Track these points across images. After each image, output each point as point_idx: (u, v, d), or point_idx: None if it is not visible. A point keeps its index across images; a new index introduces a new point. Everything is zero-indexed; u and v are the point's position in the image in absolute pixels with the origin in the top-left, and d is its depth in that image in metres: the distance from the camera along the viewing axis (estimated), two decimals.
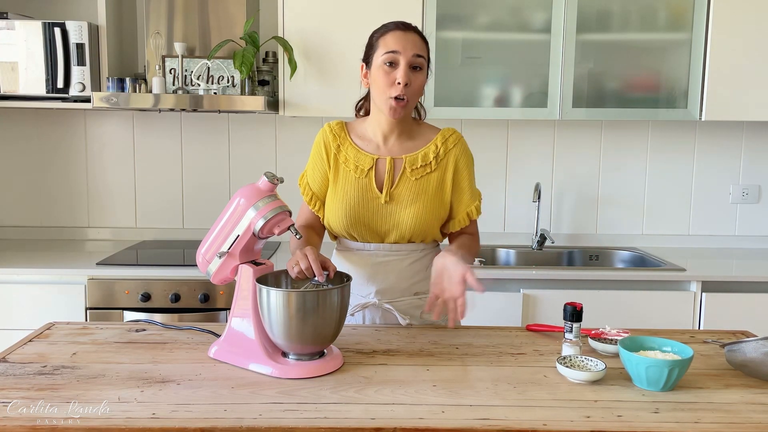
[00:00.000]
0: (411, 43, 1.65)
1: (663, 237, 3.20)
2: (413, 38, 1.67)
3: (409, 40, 1.65)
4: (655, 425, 1.19)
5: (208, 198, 3.14)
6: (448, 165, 1.74)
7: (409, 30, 1.68)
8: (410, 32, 1.68)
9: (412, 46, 1.64)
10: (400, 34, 1.66)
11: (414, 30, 1.70)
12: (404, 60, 1.63)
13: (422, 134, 1.77)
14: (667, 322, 2.55)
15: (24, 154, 3.13)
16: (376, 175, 1.73)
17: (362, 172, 1.73)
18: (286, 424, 1.17)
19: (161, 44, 2.82)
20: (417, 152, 1.74)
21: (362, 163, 1.73)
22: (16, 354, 1.50)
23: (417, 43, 1.66)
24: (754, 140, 3.16)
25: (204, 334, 1.66)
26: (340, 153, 1.76)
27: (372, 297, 1.75)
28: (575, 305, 1.48)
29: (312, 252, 1.50)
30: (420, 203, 1.71)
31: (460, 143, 1.76)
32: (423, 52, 1.67)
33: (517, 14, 2.78)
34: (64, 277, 2.55)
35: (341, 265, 1.80)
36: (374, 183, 1.72)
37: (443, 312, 1.58)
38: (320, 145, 1.79)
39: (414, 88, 1.66)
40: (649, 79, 2.82)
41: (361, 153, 1.74)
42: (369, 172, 1.72)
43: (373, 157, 1.73)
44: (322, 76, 2.76)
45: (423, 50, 1.67)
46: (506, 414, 1.23)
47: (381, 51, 1.66)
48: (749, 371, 1.42)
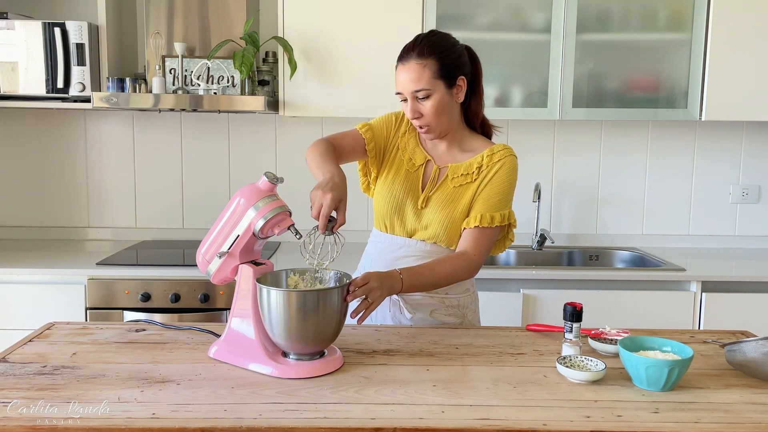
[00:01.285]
0: (408, 80, 1.67)
1: (663, 237, 3.20)
2: (411, 71, 1.66)
3: (406, 76, 1.67)
4: (655, 425, 1.19)
5: (208, 198, 3.14)
6: (486, 177, 1.74)
7: (409, 59, 1.67)
8: (409, 62, 1.66)
9: (409, 83, 1.67)
10: (400, 69, 1.69)
11: (415, 55, 1.66)
12: (408, 97, 1.69)
13: (475, 147, 1.79)
14: (667, 322, 2.55)
15: (24, 154, 3.13)
16: (423, 175, 1.80)
17: (413, 166, 1.80)
18: (286, 424, 1.17)
19: (161, 44, 2.82)
20: (463, 162, 1.77)
21: (416, 158, 1.81)
22: (16, 354, 1.50)
23: (413, 75, 1.65)
24: (754, 140, 3.16)
25: (204, 334, 1.66)
26: (404, 136, 1.84)
27: None
28: (575, 305, 1.48)
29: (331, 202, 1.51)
30: (450, 209, 1.74)
31: (506, 160, 1.74)
32: (422, 82, 1.65)
33: (517, 14, 2.78)
34: (64, 277, 2.55)
35: (368, 254, 1.86)
36: (420, 182, 1.79)
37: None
38: (396, 115, 1.86)
39: (427, 116, 1.69)
40: (649, 79, 2.82)
41: (419, 147, 1.82)
42: (419, 169, 1.80)
43: (425, 156, 1.80)
44: (322, 76, 2.76)
45: (422, 80, 1.65)
46: (506, 414, 1.23)
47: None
48: (749, 371, 1.42)
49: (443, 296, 1.79)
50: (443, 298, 1.79)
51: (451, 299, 1.80)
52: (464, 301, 1.83)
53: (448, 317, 1.81)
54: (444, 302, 1.79)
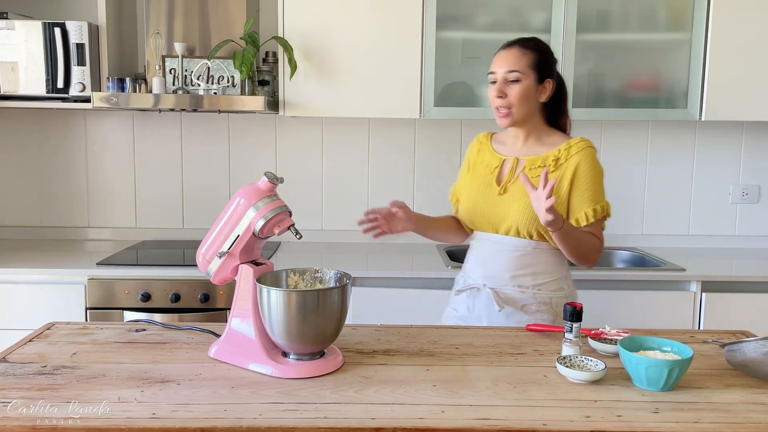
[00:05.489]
0: (505, 61, 1.82)
1: (663, 237, 3.20)
2: (510, 55, 1.82)
3: (505, 58, 1.83)
4: (655, 425, 1.19)
5: (208, 198, 3.14)
6: (567, 169, 1.82)
7: (512, 46, 1.85)
8: (512, 48, 1.84)
9: (505, 63, 1.82)
10: (501, 53, 1.86)
11: (519, 44, 1.84)
12: (499, 77, 1.82)
13: (553, 141, 1.89)
14: (667, 322, 2.55)
15: (24, 155, 3.13)
16: (500, 173, 1.90)
17: (489, 169, 1.92)
18: (286, 424, 1.17)
19: (161, 44, 2.82)
20: (540, 155, 1.86)
21: (492, 162, 1.93)
22: (16, 354, 1.50)
23: (512, 58, 1.82)
24: (754, 140, 3.16)
25: (204, 334, 1.66)
26: (479, 156, 1.98)
27: (479, 280, 1.89)
28: (575, 305, 1.48)
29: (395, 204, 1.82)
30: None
31: (584, 151, 1.84)
32: (518, 65, 1.80)
33: (517, 14, 2.78)
34: (64, 277, 2.55)
35: (478, 254, 1.94)
36: (496, 179, 1.89)
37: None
38: (467, 154, 2.04)
39: (511, 98, 1.81)
40: (649, 79, 2.82)
41: (494, 155, 1.94)
42: (495, 170, 1.90)
43: (501, 158, 1.91)
44: (322, 76, 2.76)
45: (518, 64, 1.80)
46: (506, 414, 1.23)
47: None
48: (749, 371, 1.42)
49: (535, 291, 1.84)
50: (535, 293, 1.84)
51: (543, 295, 1.84)
52: (557, 300, 1.86)
53: (540, 313, 1.84)
54: (536, 298, 1.84)
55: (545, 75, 1.84)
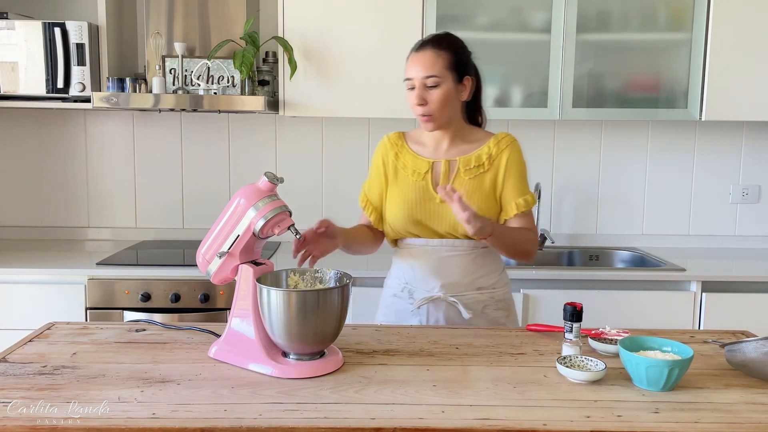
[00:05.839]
0: (421, 65, 1.73)
1: (663, 237, 3.20)
2: (425, 58, 1.73)
3: (420, 61, 1.73)
4: (655, 425, 1.19)
5: (208, 198, 3.14)
6: (500, 165, 1.80)
7: (425, 48, 1.75)
8: (426, 50, 1.74)
9: (421, 68, 1.73)
10: (414, 57, 1.76)
11: (432, 45, 1.75)
12: (417, 83, 1.74)
13: (477, 138, 1.84)
14: (667, 322, 2.55)
15: (24, 155, 3.13)
16: (433, 178, 1.82)
17: (419, 175, 1.82)
18: (286, 424, 1.17)
19: (161, 44, 2.82)
20: (471, 154, 1.81)
21: (419, 167, 1.83)
22: (16, 354, 1.50)
23: (428, 62, 1.72)
24: (754, 140, 3.16)
25: (204, 334, 1.66)
26: (398, 160, 1.86)
27: (437, 291, 1.81)
28: (575, 305, 1.48)
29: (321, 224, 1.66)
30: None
31: (512, 145, 1.83)
32: (435, 69, 1.72)
33: (517, 14, 2.78)
34: (64, 277, 2.55)
35: (405, 261, 1.87)
36: (431, 185, 1.81)
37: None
38: (377, 156, 1.90)
39: (432, 105, 1.73)
40: (649, 79, 2.82)
41: (418, 158, 1.84)
42: (425, 175, 1.81)
43: (429, 161, 1.82)
44: (322, 76, 2.76)
45: (435, 68, 1.72)
46: (506, 414, 1.23)
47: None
48: (749, 371, 1.42)
49: (491, 291, 1.84)
50: (492, 292, 1.84)
51: (499, 293, 1.85)
52: (508, 295, 1.89)
53: (498, 311, 1.84)
54: (493, 297, 1.84)
55: (463, 72, 1.77)
